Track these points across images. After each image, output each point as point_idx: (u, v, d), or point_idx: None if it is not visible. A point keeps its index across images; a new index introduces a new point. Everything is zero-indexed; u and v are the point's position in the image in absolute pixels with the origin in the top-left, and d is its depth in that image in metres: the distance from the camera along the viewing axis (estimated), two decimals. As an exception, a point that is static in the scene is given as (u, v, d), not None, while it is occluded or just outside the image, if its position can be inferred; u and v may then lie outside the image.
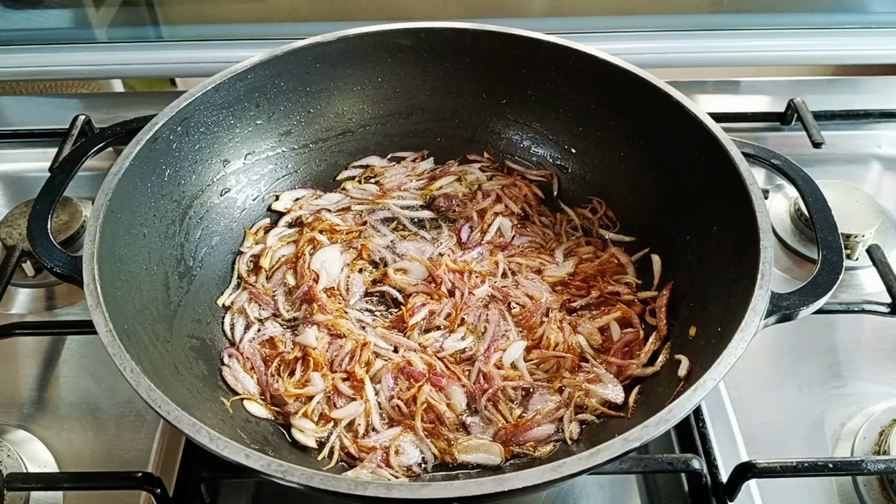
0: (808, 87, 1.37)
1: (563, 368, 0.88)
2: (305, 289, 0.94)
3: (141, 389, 0.67)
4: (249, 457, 0.62)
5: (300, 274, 0.97)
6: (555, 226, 1.05)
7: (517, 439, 0.82)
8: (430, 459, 0.81)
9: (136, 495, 0.83)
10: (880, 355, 0.97)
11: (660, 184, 0.98)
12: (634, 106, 0.98)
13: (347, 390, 0.86)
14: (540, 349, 0.89)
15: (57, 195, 0.89)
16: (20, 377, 0.96)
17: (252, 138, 1.03)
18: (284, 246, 1.02)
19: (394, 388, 0.86)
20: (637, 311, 0.92)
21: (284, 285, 0.97)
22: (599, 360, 0.89)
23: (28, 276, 1.06)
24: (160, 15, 1.49)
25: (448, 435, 0.83)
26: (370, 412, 0.84)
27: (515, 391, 0.86)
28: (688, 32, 1.42)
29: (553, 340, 0.89)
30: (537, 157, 1.10)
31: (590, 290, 0.96)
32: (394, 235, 1.04)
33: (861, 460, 0.81)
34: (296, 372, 0.88)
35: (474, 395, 0.86)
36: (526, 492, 0.61)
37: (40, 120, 1.31)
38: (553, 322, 0.91)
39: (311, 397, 0.85)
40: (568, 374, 0.87)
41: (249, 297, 0.96)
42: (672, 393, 0.78)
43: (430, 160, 1.12)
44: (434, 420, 0.83)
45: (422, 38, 1.05)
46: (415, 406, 0.83)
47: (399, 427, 0.83)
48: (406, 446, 0.81)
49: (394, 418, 0.84)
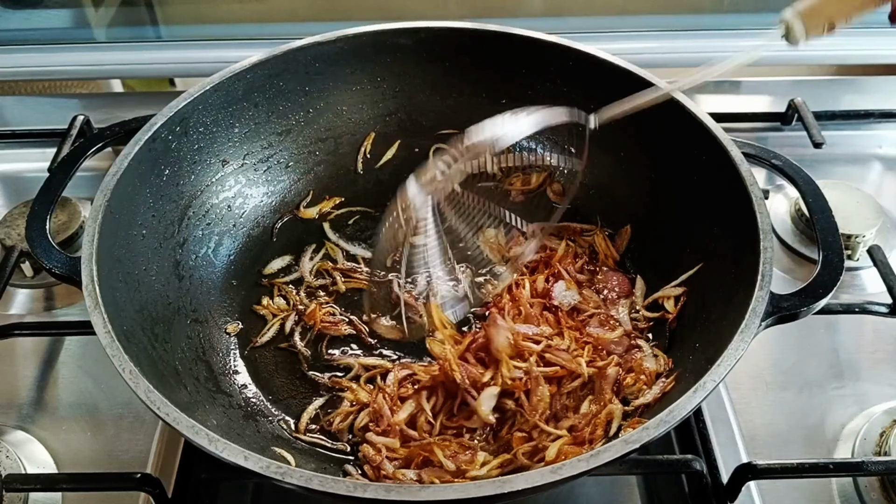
0: (809, 87, 1.36)
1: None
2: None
3: (140, 391, 0.67)
4: (248, 459, 0.62)
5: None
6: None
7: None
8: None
9: (135, 496, 0.83)
10: (881, 356, 0.97)
11: (660, 184, 0.98)
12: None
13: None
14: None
15: (55, 195, 0.89)
16: (19, 378, 0.96)
17: (251, 138, 1.03)
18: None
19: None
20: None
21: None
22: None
23: (27, 276, 1.06)
24: (159, 15, 1.48)
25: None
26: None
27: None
28: (688, 32, 1.42)
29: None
30: (537, 156, 1.10)
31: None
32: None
33: (862, 461, 0.81)
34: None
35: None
36: (526, 493, 0.61)
37: (39, 120, 1.30)
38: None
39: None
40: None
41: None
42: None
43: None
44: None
45: (421, 38, 1.05)
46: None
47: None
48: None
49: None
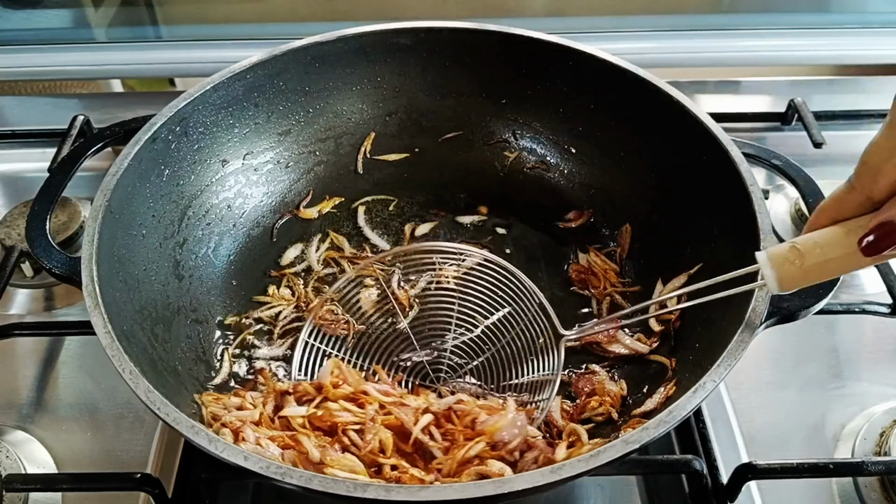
0: (809, 87, 1.36)
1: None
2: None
3: (139, 391, 0.67)
4: (248, 459, 0.62)
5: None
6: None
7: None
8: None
9: (135, 496, 0.83)
10: (881, 356, 0.97)
11: (659, 184, 0.98)
12: (634, 106, 0.98)
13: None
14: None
15: (55, 195, 0.89)
16: (19, 378, 0.96)
17: (251, 138, 1.03)
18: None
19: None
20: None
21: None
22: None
23: (27, 276, 1.06)
24: (159, 15, 1.48)
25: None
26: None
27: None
28: (688, 32, 1.42)
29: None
30: (537, 156, 1.10)
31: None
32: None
33: (862, 461, 0.81)
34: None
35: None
36: (525, 494, 0.60)
37: (39, 120, 1.31)
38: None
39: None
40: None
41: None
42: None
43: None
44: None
45: (421, 38, 1.05)
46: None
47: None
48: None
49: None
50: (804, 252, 0.64)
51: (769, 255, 0.66)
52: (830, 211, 0.64)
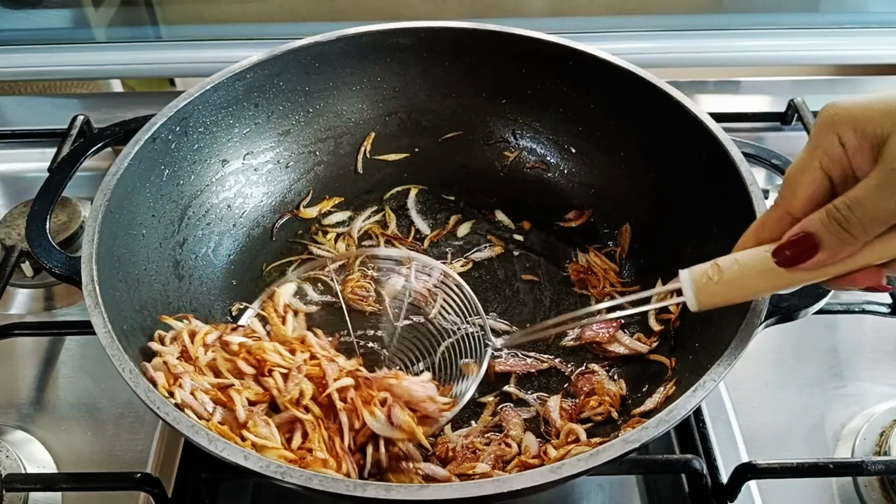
0: (809, 87, 1.36)
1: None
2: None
3: (140, 390, 0.67)
4: (248, 458, 0.62)
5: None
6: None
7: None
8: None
9: (135, 496, 0.83)
10: (881, 356, 0.97)
11: (659, 184, 0.98)
12: (634, 106, 0.98)
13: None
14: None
15: (55, 195, 0.89)
16: (19, 378, 0.96)
17: (251, 138, 1.03)
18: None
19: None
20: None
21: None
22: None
23: (27, 276, 1.06)
24: (159, 15, 1.48)
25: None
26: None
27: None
28: (688, 32, 1.42)
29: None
30: (537, 156, 1.10)
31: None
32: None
33: (861, 461, 0.81)
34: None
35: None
36: (525, 493, 0.61)
37: (39, 120, 1.31)
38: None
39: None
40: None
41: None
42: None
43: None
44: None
45: (421, 38, 1.05)
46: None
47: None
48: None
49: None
50: (723, 268, 0.65)
51: (690, 272, 0.67)
52: (755, 231, 0.65)
